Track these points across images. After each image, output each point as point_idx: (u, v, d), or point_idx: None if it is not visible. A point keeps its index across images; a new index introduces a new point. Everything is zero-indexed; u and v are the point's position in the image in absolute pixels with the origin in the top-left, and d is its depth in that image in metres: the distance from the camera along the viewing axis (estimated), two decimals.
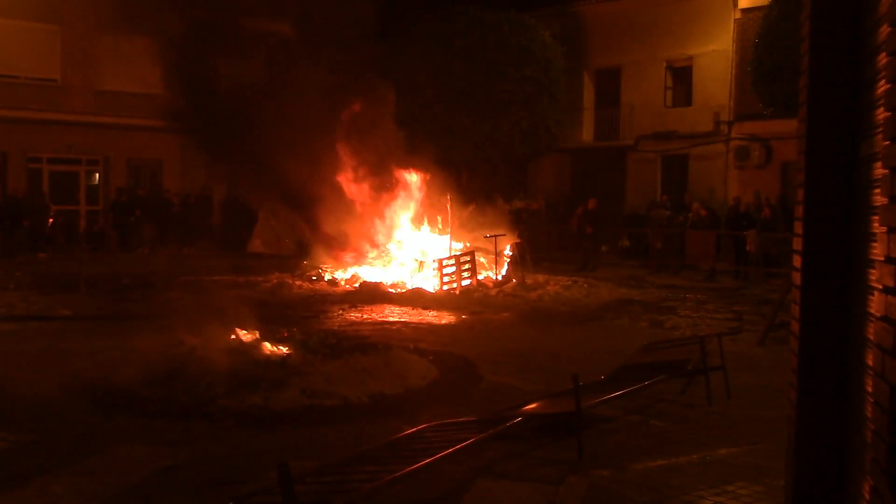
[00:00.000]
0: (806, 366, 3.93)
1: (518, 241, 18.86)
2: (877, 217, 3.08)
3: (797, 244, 4.09)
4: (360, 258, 19.13)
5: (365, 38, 20.36)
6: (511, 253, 18.50)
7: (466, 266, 17.26)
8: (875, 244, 3.15)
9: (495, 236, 17.97)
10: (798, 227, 4.08)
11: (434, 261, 17.25)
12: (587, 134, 29.86)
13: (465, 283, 16.95)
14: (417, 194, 19.30)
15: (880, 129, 3.06)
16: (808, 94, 3.97)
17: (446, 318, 13.81)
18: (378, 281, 17.22)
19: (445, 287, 16.56)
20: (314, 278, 18.19)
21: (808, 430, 3.91)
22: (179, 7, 19.69)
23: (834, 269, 3.86)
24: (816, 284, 3.93)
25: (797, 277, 4.07)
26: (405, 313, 14.20)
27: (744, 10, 25.11)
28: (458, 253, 17.67)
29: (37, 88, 25.63)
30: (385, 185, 19.32)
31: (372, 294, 16.11)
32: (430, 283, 16.90)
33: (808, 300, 3.94)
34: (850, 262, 3.78)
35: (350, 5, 20.12)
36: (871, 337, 3.11)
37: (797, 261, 4.07)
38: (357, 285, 17.13)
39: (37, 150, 25.75)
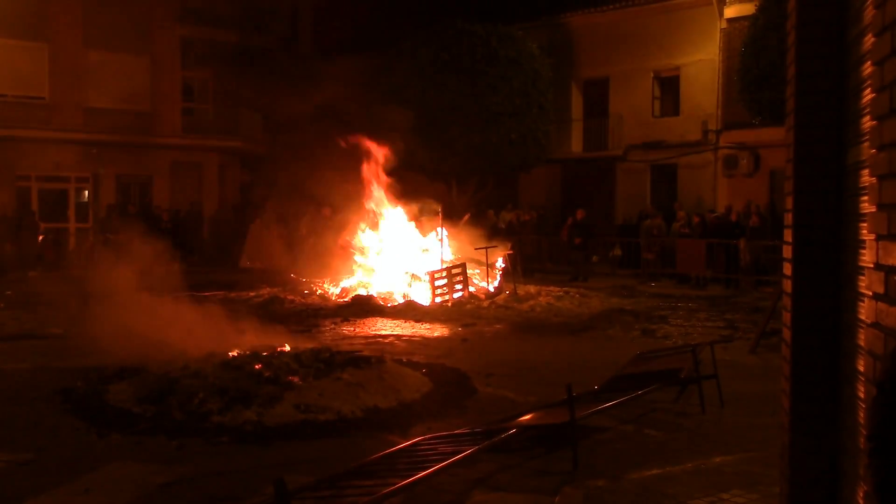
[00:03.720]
0: (798, 373, 3.96)
1: (511, 252, 18.88)
2: (865, 224, 3.11)
3: (787, 252, 4.12)
4: (351, 272, 19.11)
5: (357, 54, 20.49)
6: (504, 265, 18.51)
7: (458, 278, 17.26)
8: (864, 251, 3.18)
9: (486, 248, 17.99)
10: (787, 235, 4.10)
11: (426, 273, 17.25)
12: (576, 144, 29.97)
13: (457, 295, 16.95)
14: (407, 206, 19.29)
15: (867, 138, 3.09)
16: (795, 104, 4.01)
17: (439, 330, 13.81)
18: (370, 294, 17.20)
19: (437, 299, 16.56)
20: (306, 292, 18.16)
21: (801, 437, 3.93)
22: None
23: (824, 276, 3.89)
24: (807, 292, 3.95)
25: (788, 285, 4.09)
26: (398, 326, 14.19)
27: (729, 20, 25.28)
28: (450, 265, 17.68)
29: (25, 106, 25.60)
30: (375, 199, 19.30)
31: (364, 307, 16.09)
32: (422, 295, 16.90)
33: (799, 308, 3.97)
34: (840, 269, 3.81)
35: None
36: (863, 343, 3.14)
37: (787, 268, 4.10)
38: (349, 299, 17.12)
39: (26, 168, 25.68)
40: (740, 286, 19.73)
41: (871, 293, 2.88)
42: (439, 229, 18.45)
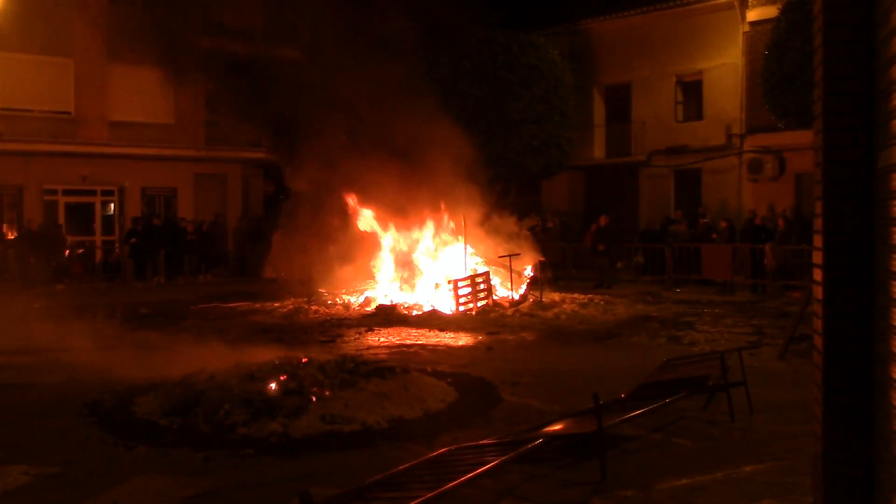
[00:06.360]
0: (831, 380, 3.89)
1: (543, 259, 18.82)
2: None
3: (817, 257, 4.06)
4: (375, 281, 19.13)
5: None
6: (532, 273, 18.44)
7: (482, 286, 17.22)
8: None
9: (510, 256, 17.94)
10: (817, 240, 4.04)
11: (449, 282, 17.22)
12: (599, 151, 29.88)
13: (481, 303, 16.90)
14: (431, 215, 19.28)
15: None
16: (822, 106, 3.95)
17: (463, 339, 13.78)
18: (394, 303, 17.20)
19: (461, 308, 16.53)
20: (330, 302, 18.19)
21: (834, 446, 3.86)
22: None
23: (855, 281, 3.83)
24: (838, 297, 3.89)
25: (818, 291, 4.03)
26: (422, 335, 14.16)
27: (752, 23, 25.12)
28: (473, 273, 17.64)
29: (51, 121, 25.87)
30: (399, 207, 19.30)
31: (388, 317, 16.09)
32: (446, 304, 16.87)
33: (831, 313, 3.91)
34: (872, 273, 3.74)
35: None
36: None
37: (818, 274, 4.04)
38: (373, 308, 17.12)
39: (52, 181, 25.95)
40: (767, 291, 19.54)
41: None
42: (462, 237, 18.43)
